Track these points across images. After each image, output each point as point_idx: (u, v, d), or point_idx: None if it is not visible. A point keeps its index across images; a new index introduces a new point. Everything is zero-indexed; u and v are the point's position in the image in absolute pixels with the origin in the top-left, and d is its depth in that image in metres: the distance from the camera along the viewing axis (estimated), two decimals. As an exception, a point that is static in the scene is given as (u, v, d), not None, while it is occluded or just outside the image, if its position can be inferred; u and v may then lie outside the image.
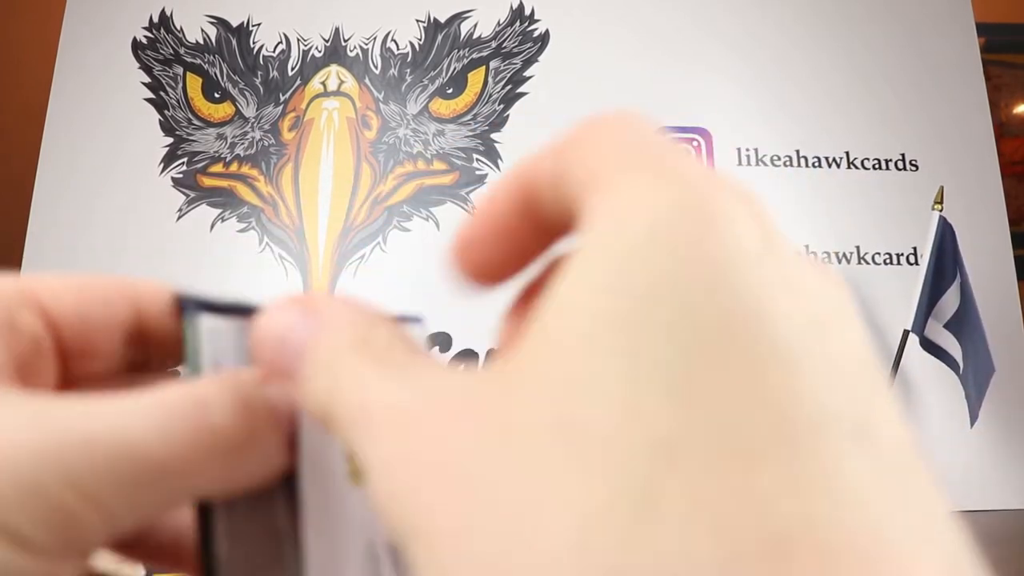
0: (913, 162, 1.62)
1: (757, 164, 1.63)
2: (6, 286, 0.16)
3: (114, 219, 1.62)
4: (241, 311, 0.18)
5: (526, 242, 0.17)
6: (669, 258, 0.11)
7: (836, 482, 0.10)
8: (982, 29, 1.69)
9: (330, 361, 0.14)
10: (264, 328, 0.16)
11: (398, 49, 1.68)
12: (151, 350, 0.19)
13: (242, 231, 1.62)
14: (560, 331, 0.12)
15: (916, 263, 1.46)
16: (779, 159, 1.63)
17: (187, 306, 0.17)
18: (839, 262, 1.58)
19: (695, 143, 1.64)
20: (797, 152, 1.63)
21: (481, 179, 1.62)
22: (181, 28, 1.72)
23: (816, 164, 1.63)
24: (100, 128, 1.68)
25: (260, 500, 0.17)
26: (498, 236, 0.17)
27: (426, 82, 1.66)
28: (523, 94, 1.66)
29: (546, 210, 0.16)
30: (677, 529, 0.09)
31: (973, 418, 1.36)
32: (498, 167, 1.63)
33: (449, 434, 0.12)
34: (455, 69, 1.67)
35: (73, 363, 0.17)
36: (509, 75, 1.67)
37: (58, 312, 0.17)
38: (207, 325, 0.17)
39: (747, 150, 1.64)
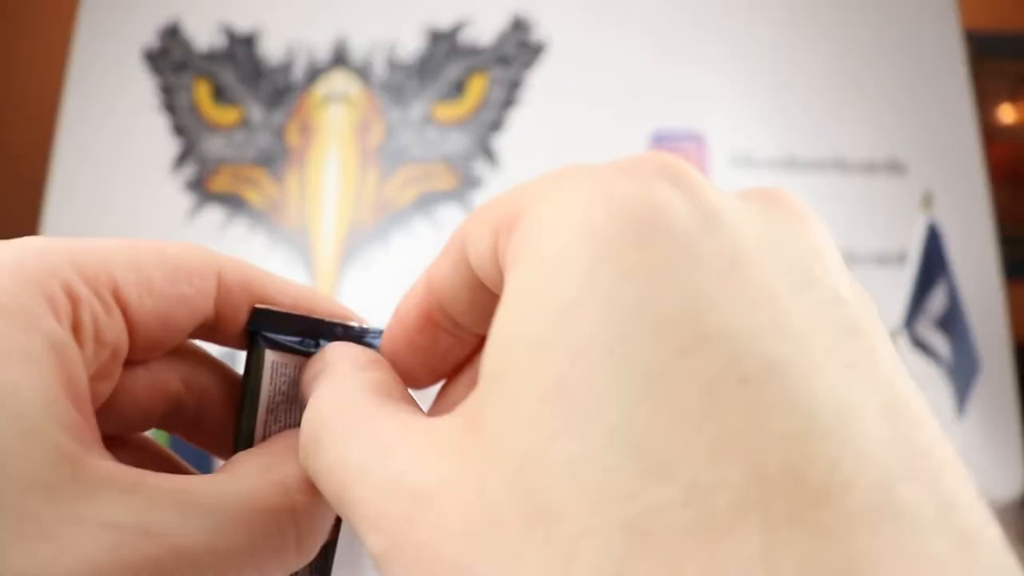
0: (902, 165, 1.65)
1: (750, 167, 1.67)
2: (97, 276, 0.15)
3: (125, 221, 1.66)
4: (305, 346, 0.18)
5: (446, 344, 0.17)
6: (601, 294, 0.10)
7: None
8: (970, 35, 1.73)
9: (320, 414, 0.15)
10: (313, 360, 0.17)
11: (402, 57, 1.72)
12: (216, 329, 0.18)
13: (250, 234, 1.66)
14: (509, 401, 0.11)
15: (904, 264, 1.50)
16: (772, 162, 1.66)
17: (257, 334, 0.18)
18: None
19: (688, 147, 1.68)
20: (790, 155, 1.67)
21: (482, 183, 1.66)
22: (190, 36, 1.76)
23: (808, 167, 1.66)
24: (111, 133, 1.72)
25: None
26: (415, 349, 0.17)
27: (429, 89, 1.70)
28: (523, 100, 1.70)
29: (458, 310, 0.16)
30: None
31: (960, 414, 1.40)
32: (499, 171, 1.66)
33: (428, 521, 0.11)
34: (457, 76, 1.71)
35: (138, 353, 0.17)
36: (509, 81, 1.70)
37: (140, 313, 0.16)
38: (271, 359, 0.18)
39: (740, 153, 1.67)
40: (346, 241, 1.64)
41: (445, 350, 0.17)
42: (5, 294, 0.13)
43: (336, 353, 0.17)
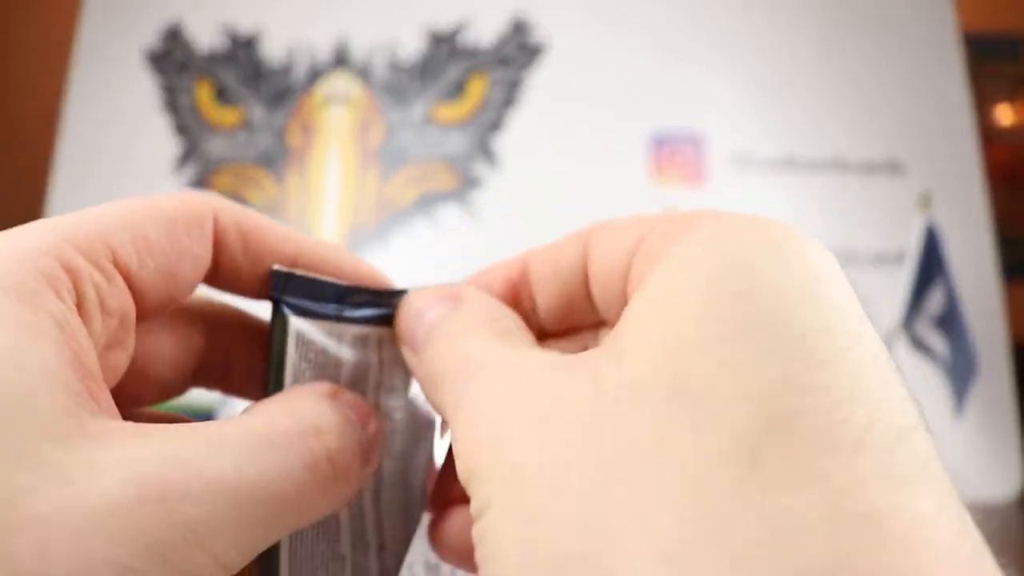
0: (901, 166, 1.66)
1: (750, 167, 1.67)
2: (93, 247, 0.15)
3: (127, 222, 1.67)
4: (335, 313, 0.17)
5: None
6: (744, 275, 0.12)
7: (920, 489, 0.11)
8: (968, 37, 1.73)
9: (460, 330, 0.15)
10: (407, 305, 0.17)
11: (402, 58, 1.73)
12: (216, 275, 0.18)
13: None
14: (664, 323, 0.12)
15: (903, 264, 1.50)
16: (772, 162, 1.67)
17: (280, 301, 0.17)
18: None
19: (689, 146, 1.68)
20: (789, 155, 1.67)
21: (482, 183, 1.67)
22: (192, 37, 1.77)
23: (807, 167, 1.67)
24: (113, 134, 1.73)
25: (326, 524, 0.17)
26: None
27: (429, 89, 1.71)
28: (523, 100, 1.70)
29: (546, 294, 0.17)
30: (782, 491, 0.10)
31: (958, 414, 1.40)
32: (499, 171, 1.67)
33: (555, 385, 0.12)
34: (457, 77, 1.72)
35: (147, 314, 0.16)
36: (509, 82, 1.71)
37: (143, 275, 0.16)
38: (296, 327, 0.17)
39: (740, 153, 1.68)
40: (347, 241, 1.65)
41: None
42: (6, 277, 0.13)
43: (469, 300, 0.17)
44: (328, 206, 1.67)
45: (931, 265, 1.40)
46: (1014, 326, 1.62)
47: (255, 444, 0.13)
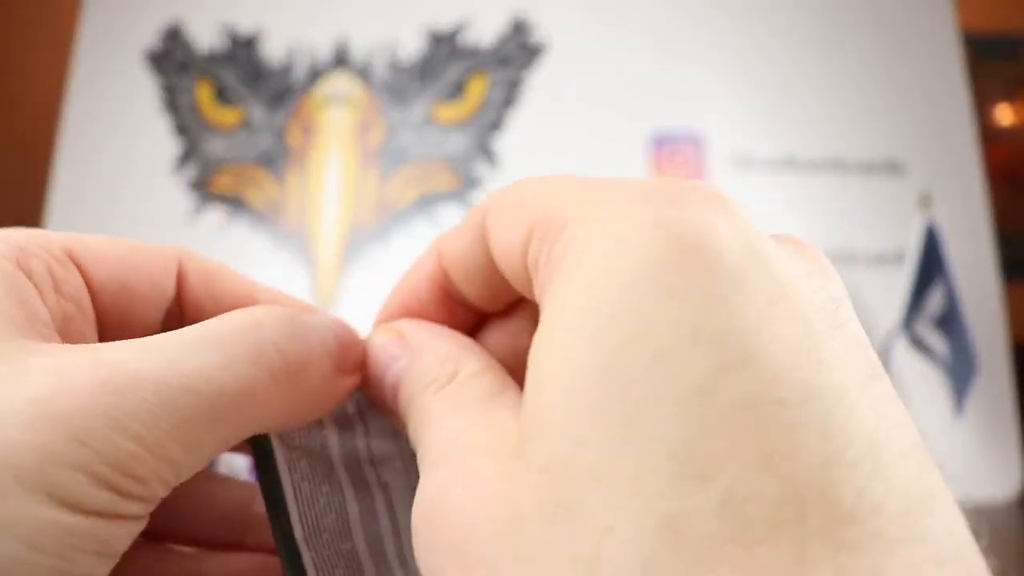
0: (900, 166, 1.66)
1: (750, 167, 1.67)
2: (48, 240, 0.15)
3: (127, 222, 1.67)
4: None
5: (460, 317, 0.17)
6: (645, 312, 0.11)
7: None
8: (967, 37, 1.74)
9: (418, 390, 0.15)
10: (370, 362, 0.17)
11: (402, 58, 1.73)
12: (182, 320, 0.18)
13: (251, 234, 1.66)
14: (545, 408, 0.11)
15: (903, 264, 1.51)
16: (771, 162, 1.67)
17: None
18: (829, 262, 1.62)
19: (689, 146, 1.68)
20: (789, 155, 1.67)
21: (482, 183, 1.67)
22: (192, 38, 1.77)
23: (807, 167, 1.67)
24: (114, 134, 1.73)
25: (313, 440, 0.17)
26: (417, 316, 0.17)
27: (429, 90, 1.71)
28: (523, 100, 1.70)
29: (470, 289, 0.16)
30: None
31: (957, 413, 1.40)
32: (499, 171, 1.67)
33: (472, 509, 0.12)
34: (457, 77, 1.72)
35: (110, 333, 0.16)
36: (509, 82, 1.71)
37: (99, 276, 0.16)
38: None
39: (740, 153, 1.68)
40: (347, 241, 1.65)
41: (458, 323, 0.17)
42: None
43: (432, 358, 0.16)
44: (328, 206, 1.67)
45: (931, 265, 1.41)
46: (1014, 326, 1.62)
47: (190, 342, 0.13)
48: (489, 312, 0.18)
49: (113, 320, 0.16)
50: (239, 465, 0.84)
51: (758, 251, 0.12)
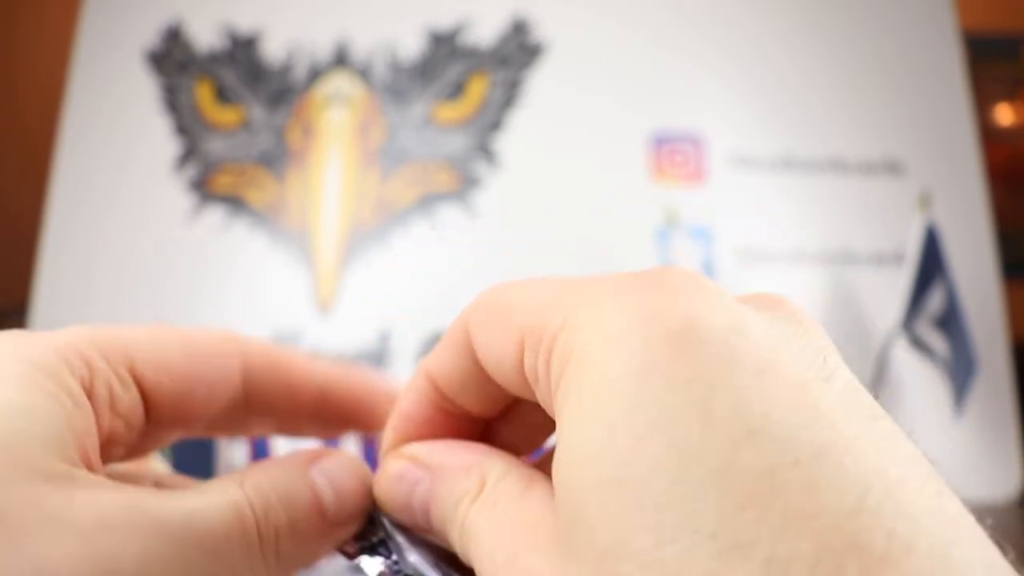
0: (900, 166, 1.66)
1: (749, 167, 1.68)
2: (113, 352, 0.16)
3: (127, 222, 1.67)
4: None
5: (466, 428, 0.18)
6: (654, 406, 0.11)
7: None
8: (967, 37, 1.74)
9: (449, 512, 0.16)
10: (387, 485, 0.17)
11: (403, 58, 1.73)
12: (253, 412, 0.19)
13: (251, 234, 1.66)
14: (581, 506, 0.12)
15: (903, 264, 1.51)
16: (771, 162, 1.67)
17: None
18: (829, 262, 1.62)
19: (688, 146, 1.68)
20: (789, 155, 1.67)
21: (482, 183, 1.67)
22: (192, 37, 1.77)
23: (806, 167, 1.67)
24: (113, 134, 1.73)
25: None
26: (420, 435, 0.18)
27: (429, 90, 1.71)
28: (523, 100, 1.70)
29: (461, 402, 0.17)
30: None
31: (957, 413, 1.40)
32: (499, 171, 1.67)
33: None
34: (457, 77, 1.72)
35: (163, 431, 0.18)
36: (509, 82, 1.71)
37: (159, 392, 0.17)
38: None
39: (739, 153, 1.68)
40: (347, 241, 1.65)
41: (463, 436, 0.18)
42: (38, 356, 0.15)
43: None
44: (328, 206, 1.67)
45: (931, 265, 1.41)
46: (1014, 326, 1.62)
47: (199, 501, 0.15)
48: (489, 417, 0.18)
49: (164, 419, 0.18)
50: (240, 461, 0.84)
51: (740, 327, 0.12)
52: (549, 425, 0.15)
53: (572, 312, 0.13)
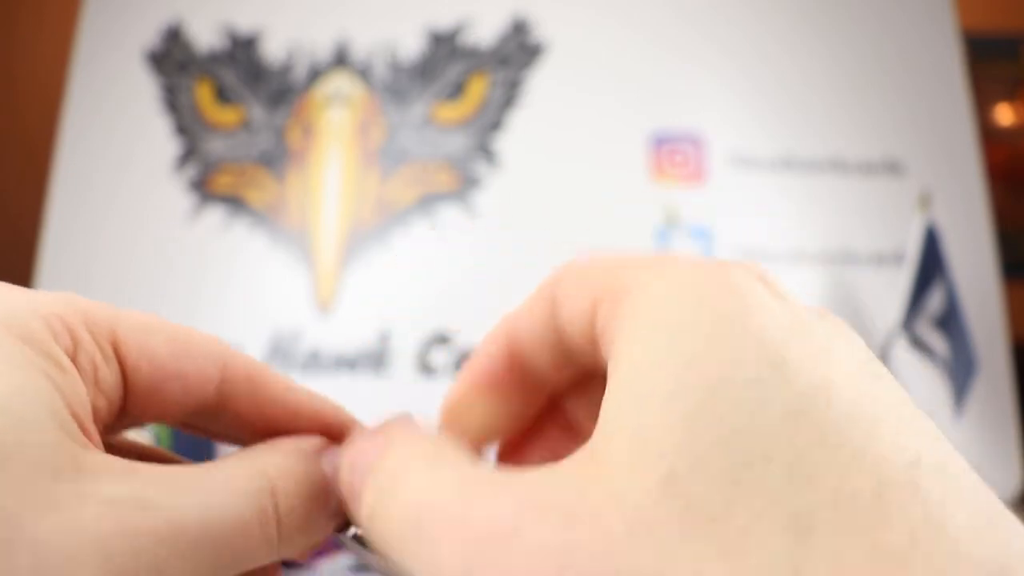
0: (900, 166, 1.66)
1: (749, 167, 1.67)
2: (96, 324, 0.16)
3: (127, 223, 1.67)
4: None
5: (516, 400, 0.17)
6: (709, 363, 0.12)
7: (946, 531, 0.10)
8: (967, 37, 1.74)
9: (394, 469, 0.15)
10: (342, 458, 0.17)
11: (403, 58, 1.73)
12: (221, 418, 0.18)
13: (251, 234, 1.66)
14: (645, 446, 0.12)
15: (903, 264, 1.51)
16: (771, 162, 1.67)
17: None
18: (828, 262, 1.62)
19: (689, 146, 1.68)
20: (789, 155, 1.67)
21: (483, 184, 1.67)
22: (192, 37, 1.77)
23: (807, 167, 1.67)
24: (113, 134, 1.73)
25: None
26: (487, 395, 0.17)
27: (429, 90, 1.71)
28: (523, 100, 1.70)
29: (536, 363, 0.17)
30: None
31: (957, 413, 1.40)
32: (499, 172, 1.67)
33: (522, 529, 0.12)
34: (457, 77, 1.72)
35: (129, 419, 0.17)
36: (509, 82, 1.71)
37: (138, 376, 0.16)
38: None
39: (740, 153, 1.68)
40: (347, 242, 1.65)
41: (518, 402, 0.18)
42: (13, 319, 0.14)
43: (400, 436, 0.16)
44: (328, 206, 1.67)
45: (931, 265, 1.41)
46: (1014, 326, 1.62)
47: (217, 492, 0.15)
48: (556, 387, 0.18)
49: (136, 408, 0.17)
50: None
51: (800, 321, 0.13)
52: None
53: (646, 275, 0.14)
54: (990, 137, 1.88)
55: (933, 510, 0.10)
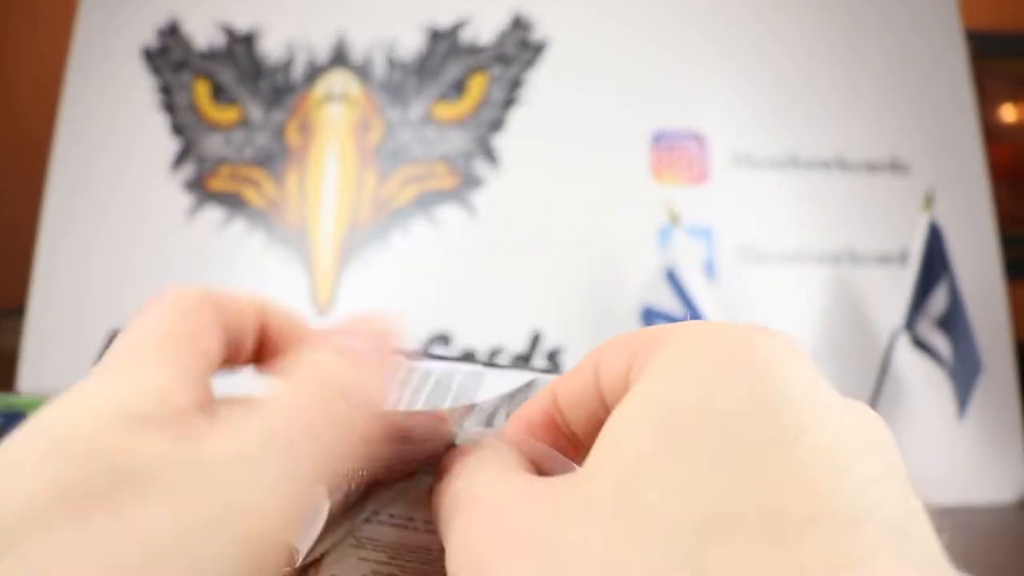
0: (904, 165, 1.65)
1: (752, 167, 1.66)
2: (204, 308, 0.17)
3: (124, 221, 1.66)
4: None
5: (559, 447, 0.19)
6: (712, 382, 0.13)
7: (871, 568, 0.11)
8: (971, 35, 1.72)
9: (461, 472, 0.17)
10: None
11: (401, 56, 1.72)
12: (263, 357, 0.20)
13: (249, 233, 1.65)
14: (620, 444, 0.13)
15: (906, 263, 1.50)
16: (774, 162, 1.66)
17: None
18: (831, 262, 1.61)
19: (691, 145, 1.67)
20: (791, 154, 1.66)
21: (482, 183, 1.66)
22: (190, 35, 1.76)
23: (810, 166, 1.66)
24: (110, 132, 1.72)
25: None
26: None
27: (429, 88, 1.70)
28: (523, 99, 1.69)
29: (576, 418, 0.18)
30: None
31: (961, 415, 1.39)
32: (499, 171, 1.66)
33: (525, 512, 0.14)
34: (457, 75, 1.71)
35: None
36: (509, 80, 1.70)
37: (231, 338, 0.18)
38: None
39: (742, 153, 1.67)
40: (345, 240, 1.64)
41: (562, 446, 0.19)
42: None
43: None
44: (327, 205, 1.66)
45: (934, 265, 1.39)
46: (1018, 326, 1.61)
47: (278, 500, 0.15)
48: (588, 442, 0.20)
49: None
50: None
51: (813, 387, 0.14)
52: None
53: (679, 333, 0.15)
54: (995, 136, 1.87)
55: (863, 552, 0.11)
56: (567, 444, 0.19)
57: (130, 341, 0.16)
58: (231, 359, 0.19)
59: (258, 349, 0.20)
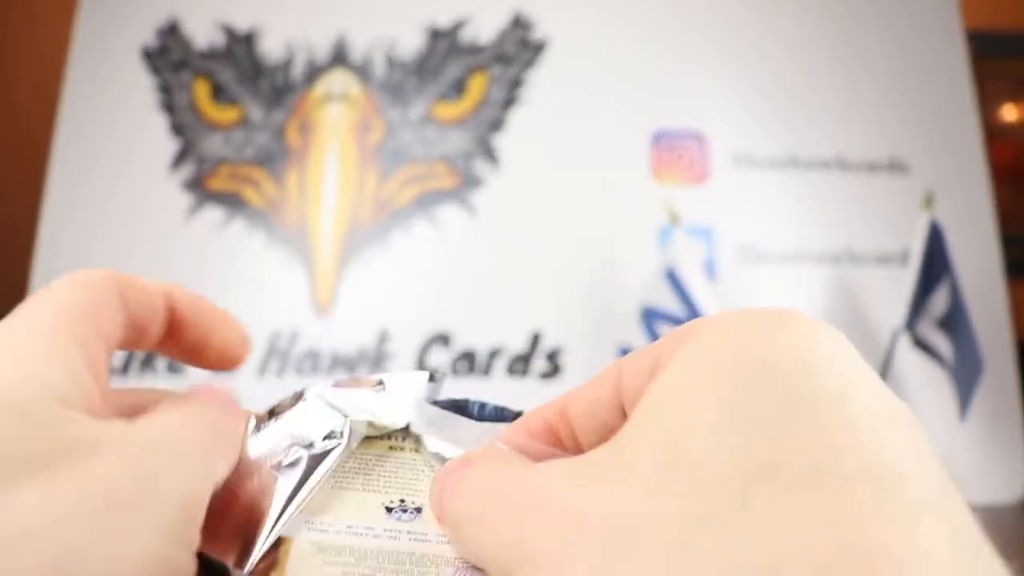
0: (904, 165, 1.65)
1: (752, 167, 1.66)
2: (105, 287, 0.18)
3: (124, 221, 1.66)
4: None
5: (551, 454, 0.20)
6: (754, 356, 0.14)
7: (915, 526, 0.11)
8: (971, 35, 1.72)
9: (476, 481, 0.17)
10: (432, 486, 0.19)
11: (401, 55, 1.72)
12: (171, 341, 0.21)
13: (249, 233, 1.65)
14: (665, 408, 0.14)
15: (907, 263, 1.49)
16: (774, 162, 1.66)
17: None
18: (832, 262, 1.61)
19: (690, 145, 1.67)
20: (791, 154, 1.66)
21: (483, 183, 1.66)
22: (189, 35, 1.76)
23: (810, 166, 1.66)
24: (110, 132, 1.72)
25: None
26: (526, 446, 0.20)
27: (429, 88, 1.70)
28: (523, 99, 1.69)
29: (585, 426, 0.18)
30: (769, 534, 0.11)
31: (962, 415, 1.39)
32: (499, 171, 1.66)
33: (565, 490, 0.14)
34: (457, 75, 1.70)
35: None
36: (509, 80, 1.70)
37: (134, 319, 0.19)
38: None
39: (742, 153, 1.67)
40: (346, 241, 1.64)
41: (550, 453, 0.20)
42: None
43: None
44: (327, 205, 1.66)
45: (935, 265, 1.39)
46: (1018, 326, 1.61)
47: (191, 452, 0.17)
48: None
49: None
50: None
51: (852, 357, 0.14)
52: None
53: (704, 327, 0.15)
54: (995, 135, 1.87)
55: (906, 509, 0.11)
56: (563, 454, 0.19)
57: (33, 314, 0.16)
58: (135, 341, 0.19)
59: (167, 335, 0.20)
